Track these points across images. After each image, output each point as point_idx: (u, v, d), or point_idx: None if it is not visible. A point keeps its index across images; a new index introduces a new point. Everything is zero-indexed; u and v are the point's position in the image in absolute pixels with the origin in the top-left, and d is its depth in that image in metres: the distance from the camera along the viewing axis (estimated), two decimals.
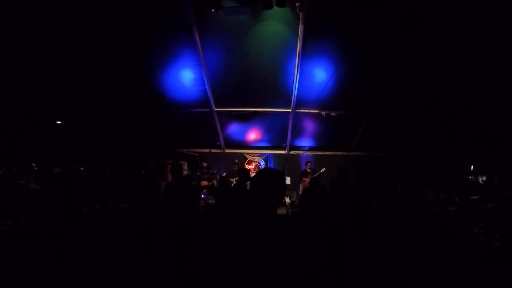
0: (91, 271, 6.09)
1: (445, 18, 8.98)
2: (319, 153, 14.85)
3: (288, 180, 13.82)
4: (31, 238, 5.48)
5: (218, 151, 15.04)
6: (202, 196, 11.98)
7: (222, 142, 14.66)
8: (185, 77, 11.67)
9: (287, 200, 12.07)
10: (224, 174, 13.78)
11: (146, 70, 11.29)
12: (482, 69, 10.16)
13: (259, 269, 1.84)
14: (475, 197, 9.79)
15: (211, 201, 11.37)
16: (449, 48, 9.82)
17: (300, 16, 9.60)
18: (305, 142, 14.78)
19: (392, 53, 10.18)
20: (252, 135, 14.60)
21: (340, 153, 14.74)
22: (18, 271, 5.80)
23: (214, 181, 13.18)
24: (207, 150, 14.92)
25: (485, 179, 12.72)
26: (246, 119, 13.49)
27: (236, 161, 13.94)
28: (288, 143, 14.49)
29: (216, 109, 12.97)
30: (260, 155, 15.13)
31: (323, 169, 12.79)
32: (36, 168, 9.65)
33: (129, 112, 13.05)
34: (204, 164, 13.47)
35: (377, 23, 9.39)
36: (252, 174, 13.03)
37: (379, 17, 9.24)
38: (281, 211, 10.38)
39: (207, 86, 11.94)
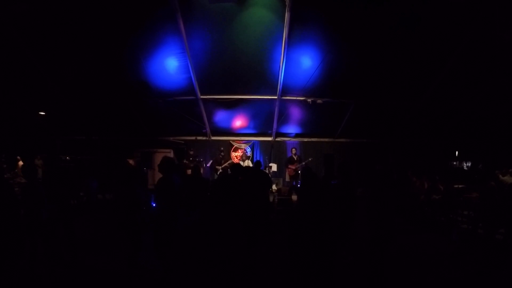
0: (81, 264, 6.07)
1: (434, 8, 8.98)
2: (305, 139, 14.93)
3: (274, 167, 13.90)
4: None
5: (204, 138, 14.97)
6: None
7: (208, 129, 14.57)
8: (170, 65, 11.44)
9: (274, 187, 12.15)
10: (210, 162, 13.78)
11: (130, 58, 11.01)
12: (469, 58, 10.26)
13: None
14: (460, 186, 10.01)
15: None
16: (436, 38, 9.85)
17: (287, 3, 9.46)
18: (291, 129, 14.82)
19: (379, 41, 10.17)
20: (238, 122, 14.54)
21: (326, 139, 14.87)
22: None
23: (201, 169, 13.14)
24: (193, 138, 14.84)
25: (469, 165, 13.01)
26: (232, 106, 13.39)
27: (222, 148, 13.89)
28: (274, 130, 14.49)
29: (201, 97, 12.81)
30: (247, 142, 15.11)
31: (310, 159, 12.88)
32: (21, 162, 9.42)
33: (114, 102, 12.77)
34: (191, 152, 13.41)
35: (364, 12, 9.34)
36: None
37: (366, 5, 9.19)
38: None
39: (192, 74, 11.74)
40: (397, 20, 9.37)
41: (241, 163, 12.84)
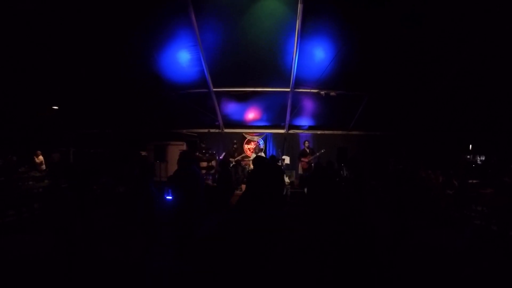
0: (97, 259, 6.14)
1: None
2: (319, 132, 14.83)
3: (287, 160, 13.85)
4: (40, 230, 5.44)
5: (217, 131, 15.01)
6: None
7: (220, 122, 14.60)
8: (182, 58, 11.48)
9: (286, 179, 12.11)
10: (223, 154, 13.79)
11: (143, 51, 11.09)
12: (484, 50, 10.01)
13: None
14: (474, 181, 9.81)
15: (210, 182, 11.42)
16: (451, 30, 9.63)
17: None
18: (304, 121, 14.73)
19: (393, 33, 9.98)
20: (251, 115, 14.52)
21: (339, 132, 14.75)
22: (23, 263, 5.83)
23: (213, 162, 13.20)
24: (206, 130, 14.89)
25: (483, 159, 12.75)
26: (245, 98, 13.37)
27: (235, 141, 13.89)
28: (287, 122, 14.44)
29: (214, 89, 12.83)
30: (259, 134, 15.09)
31: (322, 150, 12.78)
32: (41, 157, 9.46)
33: (127, 95, 12.89)
34: (203, 145, 13.46)
35: (378, 3, 9.17)
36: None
37: None
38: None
39: (204, 67, 11.76)
40: (412, 12, 9.17)
41: (254, 155, 12.84)
